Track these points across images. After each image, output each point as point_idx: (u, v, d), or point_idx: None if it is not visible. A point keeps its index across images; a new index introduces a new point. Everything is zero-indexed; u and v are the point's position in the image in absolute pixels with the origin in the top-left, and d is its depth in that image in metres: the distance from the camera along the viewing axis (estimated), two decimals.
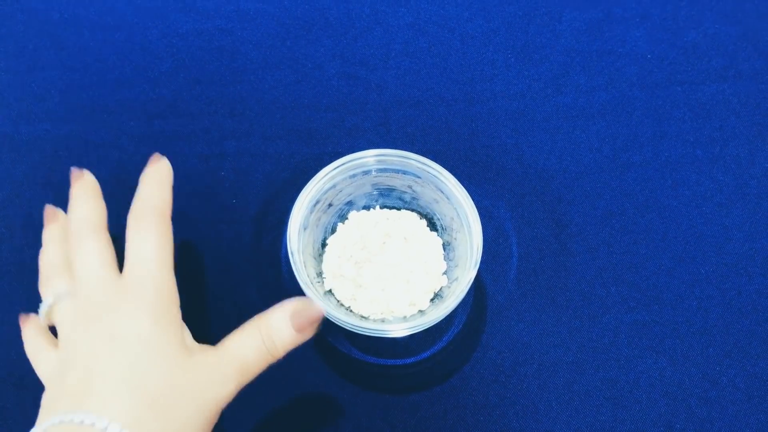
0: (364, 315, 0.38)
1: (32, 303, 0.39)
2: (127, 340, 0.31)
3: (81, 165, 0.43)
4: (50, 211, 0.38)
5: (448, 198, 0.38)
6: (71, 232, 0.36)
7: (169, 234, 0.34)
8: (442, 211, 0.40)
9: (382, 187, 0.40)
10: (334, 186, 0.38)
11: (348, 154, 0.38)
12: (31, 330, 0.36)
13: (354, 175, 0.39)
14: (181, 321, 0.33)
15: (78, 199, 0.36)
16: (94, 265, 0.34)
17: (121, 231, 0.34)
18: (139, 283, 0.32)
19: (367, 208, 0.41)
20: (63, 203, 0.42)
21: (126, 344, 0.31)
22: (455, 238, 0.39)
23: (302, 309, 0.32)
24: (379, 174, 0.39)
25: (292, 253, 0.35)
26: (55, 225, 0.37)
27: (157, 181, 0.36)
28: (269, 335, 0.32)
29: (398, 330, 0.35)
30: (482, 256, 0.36)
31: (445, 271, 0.39)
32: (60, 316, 0.34)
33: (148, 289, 0.32)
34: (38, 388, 0.32)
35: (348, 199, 0.41)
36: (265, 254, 0.41)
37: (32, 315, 0.37)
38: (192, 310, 0.40)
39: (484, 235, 0.36)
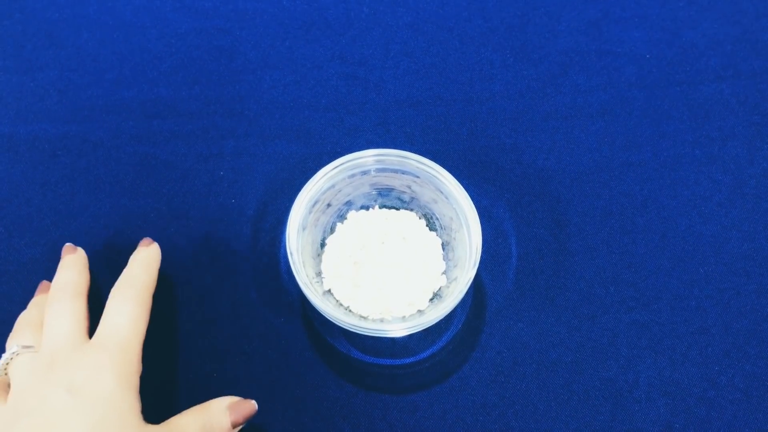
0: (363, 315, 0.38)
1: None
2: (87, 394, 0.31)
3: (79, 165, 0.43)
4: (44, 284, 0.39)
5: (447, 198, 0.38)
6: (50, 294, 0.37)
7: (146, 311, 0.36)
8: (441, 211, 0.40)
9: (380, 186, 0.40)
10: (332, 186, 0.38)
11: (347, 153, 0.38)
12: None
13: (353, 175, 0.39)
14: (138, 394, 0.33)
15: (64, 267, 0.38)
16: (64, 325, 0.34)
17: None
18: (105, 345, 0.33)
19: (365, 208, 0.41)
20: (61, 203, 0.42)
21: (86, 399, 0.31)
22: (454, 238, 0.39)
23: (239, 404, 0.34)
24: (378, 174, 0.39)
25: (290, 253, 0.35)
26: (44, 295, 0.38)
27: (146, 263, 0.38)
28: (210, 422, 0.33)
29: (397, 330, 0.35)
30: (481, 256, 0.36)
31: (444, 270, 0.39)
32: (18, 368, 0.34)
33: (113, 351, 0.33)
34: None
35: (347, 199, 0.41)
36: (263, 254, 0.41)
37: None
38: (190, 311, 0.40)
39: (483, 235, 0.36)
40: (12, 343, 0.35)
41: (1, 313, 0.40)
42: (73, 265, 0.38)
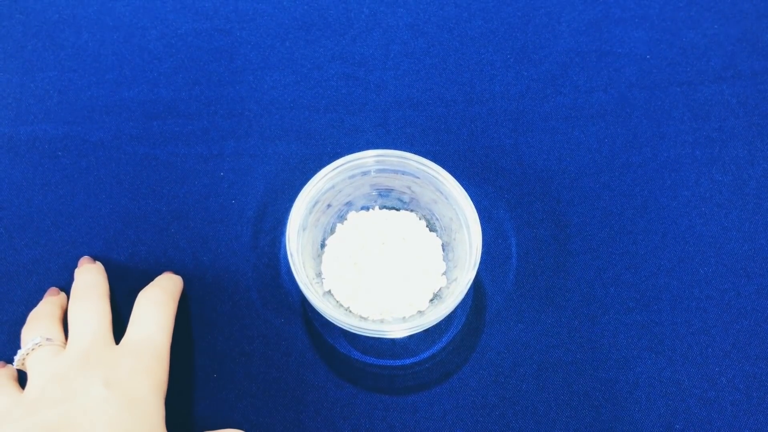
0: (363, 315, 0.38)
1: (30, 304, 0.39)
2: (123, 392, 0.31)
3: (80, 166, 0.43)
4: (54, 289, 0.39)
5: (447, 198, 0.38)
6: (75, 293, 0.37)
7: (173, 318, 0.36)
8: (441, 212, 0.40)
9: (381, 187, 0.40)
10: (333, 186, 0.38)
11: (347, 154, 0.38)
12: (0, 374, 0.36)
13: (353, 176, 0.39)
14: (164, 404, 0.34)
15: (85, 271, 0.39)
16: (92, 324, 0.35)
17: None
18: (141, 352, 0.34)
19: (366, 208, 0.41)
20: (61, 204, 0.42)
21: (122, 395, 0.31)
22: (454, 239, 0.39)
23: None
24: (378, 174, 0.39)
25: (291, 254, 0.35)
26: (54, 297, 0.39)
27: (173, 278, 0.39)
28: None
29: (397, 330, 0.35)
30: (481, 257, 0.36)
31: (444, 271, 0.39)
32: (41, 358, 0.34)
33: (148, 359, 0.34)
34: None
35: (347, 200, 0.41)
36: (264, 255, 0.41)
37: (8, 365, 0.37)
38: (190, 312, 0.40)
39: (483, 236, 0.36)
40: (33, 334, 0.35)
41: (1, 313, 0.40)
42: (95, 271, 0.39)
